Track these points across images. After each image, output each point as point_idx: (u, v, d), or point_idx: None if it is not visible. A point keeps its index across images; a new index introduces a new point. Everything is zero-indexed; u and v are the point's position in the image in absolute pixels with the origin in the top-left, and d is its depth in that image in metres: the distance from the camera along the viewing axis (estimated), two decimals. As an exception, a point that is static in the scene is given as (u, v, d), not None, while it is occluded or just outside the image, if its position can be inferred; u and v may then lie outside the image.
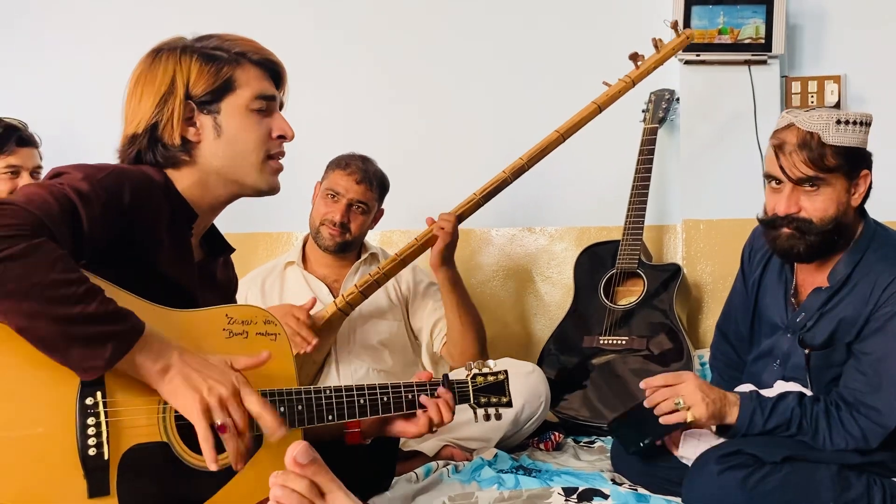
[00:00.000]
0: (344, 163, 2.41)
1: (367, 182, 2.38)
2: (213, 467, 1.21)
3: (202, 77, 1.39)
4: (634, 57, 2.39)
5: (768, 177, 1.77)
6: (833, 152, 1.69)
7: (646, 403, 1.75)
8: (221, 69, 1.40)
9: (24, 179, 2.33)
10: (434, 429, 1.58)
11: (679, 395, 1.71)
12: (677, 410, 1.70)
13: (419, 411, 1.56)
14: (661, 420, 1.73)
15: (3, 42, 3.22)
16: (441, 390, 1.57)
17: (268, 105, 1.45)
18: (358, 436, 1.57)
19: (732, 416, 1.70)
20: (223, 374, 1.25)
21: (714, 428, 1.74)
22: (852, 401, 1.67)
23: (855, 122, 1.69)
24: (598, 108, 2.38)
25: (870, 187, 1.75)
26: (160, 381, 1.21)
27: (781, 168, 1.72)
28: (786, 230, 1.74)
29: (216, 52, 1.42)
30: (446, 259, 2.28)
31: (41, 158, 2.42)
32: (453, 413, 1.59)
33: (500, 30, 3.04)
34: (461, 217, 2.32)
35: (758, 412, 1.69)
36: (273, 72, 1.48)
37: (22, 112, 2.78)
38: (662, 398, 1.73)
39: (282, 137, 1.47)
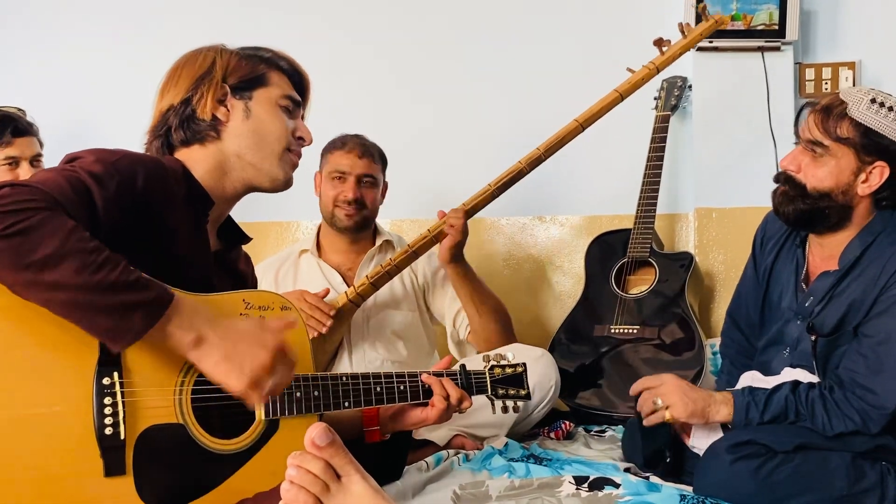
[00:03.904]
0: (340, 142, 2.41)
1: (368, 155, 2.39)
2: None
3: (239, 67, 1.49)
4: (659, 42, 2.30)
5: (796, 135, 1.77)
6: (851, 125, 1.66)
7: (638, 405, 1.79)
8: (258, 66, 1.51)
9: (24, 169, 2.29)
10: (453, 410, 1.59)
11: (659, 394, 1.74)
12: (657, 409, 1.74)
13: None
14: (645, 423, 1.76)
15: (10, 32, 3.22)
16: (424, 377, 1.57)
17: (293, 108, 1.53)
18: (377, 434, 1.58)
19: (721, 415, 1.71)
20: (259, 345, 1.24)
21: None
22: (848, 382, 1.66)
23: (892, 108, 1.66)
24: (620, 97, 2.31)
25: (893, 186, 1.70)
26: (196, 353, 1.21)
27: (797, 125, 1.73)
28: (781, 188, 1.76)
29: (253, 54, 1.53)
30: (456, 255, 2.26)
31: (41, 145, 2.38)
32: (464, 392, 1.60)
33: (512, 17, 3.02)
34: (475, 209, 2.29)
35: (752, 406, 1.69)
36: (299, 85, 1.57)
37: (33, 104, 2.79)
38: (643, 400, 1.77)
39: (301, 140, 1.54)
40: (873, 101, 1.66)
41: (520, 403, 1.67)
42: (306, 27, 3.05)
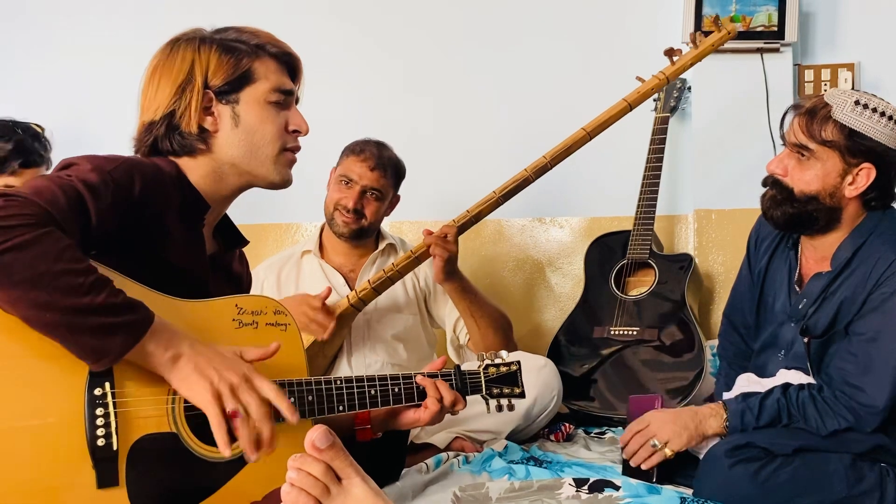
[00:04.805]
0: (359, 149, 2.38)
1: (381, 168, 2.34)
2: (226, 453, 1.21)
3: (221, 67, 1.40)
4: (670, 52, 2.27)
5: (782, 138, 1.77)
6: (836, 128, 1.66)
7: (625, 456, 1.78)
8: (241, 60, 1.42)
9: None
10: (446, 412, 1.57)
11: (652, 435, 1.73)
12: (655, 450, 1.73)
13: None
14: (643, 466, 1.75)
15: (12, 35, 3.22)
16: (419, 378, 1.55)
17: (285, 99, 1.46)
18: (369, 432, 1.57)
19: (712, 428, 1.72)
20: (234, 363, 1.25)
21: None
22: (838, 380, 1.66)
23: (875, 110, 1.65)
24: (629, 107, 2.28)
25: (880, 187, 1.70)
26: (170, 369, 1.21)
27: (782, 128, 1.73)
28: (769, 192, 1.76)
29: (235, 44, 1.43)
30: (449, 273, 2.24)
31: (49, 168, 2.29)
32: (457, 395, 1.58)
33: (517, 19, 3.02)
34: (477, 218, 2.26)
35: (748, 412, 1.69)
36: (290, 66, 1.49)
37: (31, 105, 2.80)
38: (638, 446, 1.76)
39: (297, 132, 1.48)
40: (857, 102, 1.65)
41: (514, 402, 1.66)
42: (312, 27, 3.04)
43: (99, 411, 1.18)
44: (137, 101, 1.46)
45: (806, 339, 1.75)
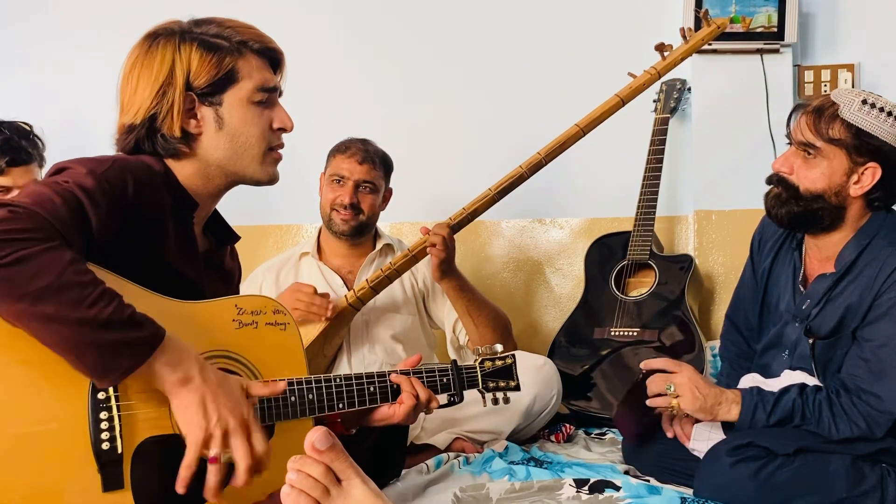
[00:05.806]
0: (343, 147, 2.41)
1: (369, 161, 2.38)
2: (180, 491, 1.19)
3: (204, 67, 1.36)
4: (661, 48, 2.28)
5: (788, 136, 1.78)
6: (843, 126, 1.67)
7: (648, 382, 1.75)
8: (224, 59, 1.37)
9: (15, 195, 2.23)
10: (421, 409, 1.53)
11: (672, 382, 1.72)
12: (666, 394, 1.71)
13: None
14: (648, 402, 1.74)
15: (11, 35, 3.22)
16: (393, 376, 1.52)
17: (269, 97, 1.43)
18: (339, 427, 1.55)
19: (731, 414, 1.70)
20: (236, 403, 1.23)
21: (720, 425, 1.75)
22: (852, 387, 1.66)
23: (882, 110, 1.67)
24: (622, 102, 2.29)
25: (884, 187, 1.70)
26: (176, 391, 1.19)
27: (789, 126, 1.73)
28: (774, 189, 1.76)
29: (217, 41, 1.39)
30: (446, 271, 2.25)
31: (42, 165, 2.29)
32: (431, 392, 1.55)
33: (513, 17, 3.02)
34: (461, 224, 2.27)
35: (760, 407, 1.68)
36: (273, 60, 1.46)
37: (29, 106, 2.79)
38: (658, 387, 1.74)
39: (282, 129, 1.46)
40: (864, 102, 1.66)
41: (510, 395, 1.66)
42: (312, 30, 3.04)
43: (103, 415, 1.18)
44: (116, 98, 1.42)
45: (811, 340, 1.75)
